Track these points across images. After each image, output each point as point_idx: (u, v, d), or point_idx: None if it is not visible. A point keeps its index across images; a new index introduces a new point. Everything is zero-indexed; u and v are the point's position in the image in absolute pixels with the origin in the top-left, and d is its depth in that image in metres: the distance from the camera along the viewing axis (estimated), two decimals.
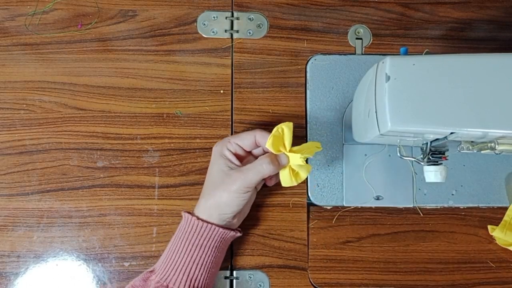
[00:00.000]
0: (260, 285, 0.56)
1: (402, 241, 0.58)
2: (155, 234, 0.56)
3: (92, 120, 0.58)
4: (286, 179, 0.51)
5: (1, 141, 0.58)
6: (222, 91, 0.60)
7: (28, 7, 0.60)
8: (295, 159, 0.50)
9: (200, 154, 0.58)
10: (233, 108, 0.59)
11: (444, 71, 0.43)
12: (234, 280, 0.56)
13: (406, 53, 0.48)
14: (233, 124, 0.59)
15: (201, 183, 0.56)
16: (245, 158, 0.53)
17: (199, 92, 0.59)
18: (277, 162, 0.50)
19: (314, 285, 0.57)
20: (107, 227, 0.56)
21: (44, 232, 0.56)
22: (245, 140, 0.51)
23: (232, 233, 0.51)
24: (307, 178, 0.58)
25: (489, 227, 0.58)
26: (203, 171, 0.58)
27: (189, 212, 0.51)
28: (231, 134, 0.59)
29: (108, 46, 0.60)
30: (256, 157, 0.53)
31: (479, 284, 0.57)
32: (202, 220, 0.50)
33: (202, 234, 0.49)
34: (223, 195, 0.49)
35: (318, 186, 0.58)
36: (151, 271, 0.50)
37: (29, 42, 0.60)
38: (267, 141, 0.50)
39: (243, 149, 0.52)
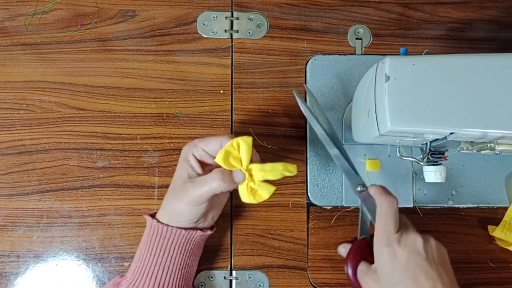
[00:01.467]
0: (259, 285, 0.56)
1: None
2: None
3: (92, 120, 0.58)
4: (244, 195, 0.47)
5: (1, 141, 0.58)
6: (222, 91, 0.60)
7: (28, 7, 0.60)
8: (256, 176, 0.46)
9: None
10: (233, 108, 0.59)
11: (444, 71, 0.43)
12: (234, 280, 0.56)
13: (406, 53, 0.48)
14: (233, 124, 0.59)
15: None
16: (208, 165, 0.50)
17: (199, 92, 0.59)
18: (230, 179, 0.46)
19: (314, 285, 0.57)
20: (107, 227, 0.56)
21: (44, 232, 0.56)
22: (211, 146, 0.48)
23: (199, 232, 0.50)
24: (306, 179, 0.58)
25: (489, 227, 0.58)
26: None
27: (152, 215, 0.51)
28: (231, 134, 0.59)
29: (108, 46, 0.60)
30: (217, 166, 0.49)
31: (479, 284, 0.57)
32: (162, 224, 0.49)
33: (165, 237, 0.48)
34: (177, 205, 0.48)
35: (318, 186, 0.58)
36: (122, 276, 0.50)
37: (29, 42, 0.60)
38: (218, 154, 0.46)
39: (209, 154, 0.49)
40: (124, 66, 0.59)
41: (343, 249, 0.52)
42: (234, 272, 0.56)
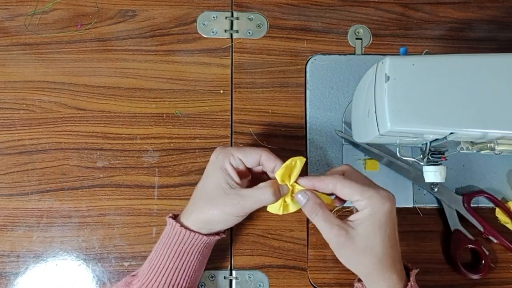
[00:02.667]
0: (259, 285, 0.56)
1: (402, 241, 0.58)
2: (155, 234, 0.56)
3: (92, 120, 0.58)
4: (274, 207, 0.49)
5: (1, 141, 0.58)
6: (221, 91, 0.60)
7: (28, 7, 0.60)
8: (295, 191, 0.48)
9: (199, 154, 0.58)
10: (233, 108, 0.59)
11: (444, 71, 0.43)
12: (234, 280, 0.56)
13: (406, 53, 0.48)
14: (233, 124, 0.59)
15: None
16: (245, 175, 0.51)
17: (198, 92, 0.59)
18: (279, 193, 0.48)
19: (314, 285, 0.57)
20: (107, 227, 0.56)
21: (43, 232, 0.56)
22: (249, 158, 0.48)
23: (217, 237, 0.50)
24: None
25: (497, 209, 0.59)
26: (203, 171, 0.57)
27: (174, 217, 0.51)
28: (231, 134, 0.59)
29: (108, 46, 0.60)
30: (254, 174, 0.51)
31: (479, 284, 0.57)
32: (189, 230, 0.49)
33: (186, 242, 0.48)
34: (217, 214, 0.48)
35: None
36: (134, 275, 0.50)
37: (29, 42, 0.60)
38: (279, 170, 0.47)
39: (245, 164, 0.49)
40: (124, 66, 0.59)
41: (303, 180, 0.49)
42: (234, 272, 0.56)
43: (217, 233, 0.51)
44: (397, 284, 0.46)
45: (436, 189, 0.57)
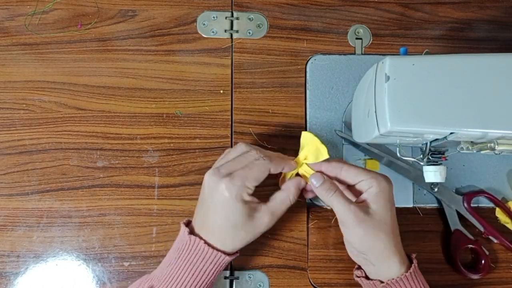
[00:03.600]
0: (259, 285, 0.56)
1: (402, 241, 0.58)
2: (155, 234, 0.56)
3: (92, 120, 0.58)
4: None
5: (1, 141, 0.58)
6: (222, 91, 0.60)
7: (28, 7, 0.60)
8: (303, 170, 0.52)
9: (199, 154, 0.58)
10: (233, 108, 0.59)
11: (444, 71, 0.43)
12: (234, 280, 0.56)
13: (406, 53, 0.48)
14: (233, 124, 0.59)
15: (201, 183, 0.56)
16: None
17: (199, 92, 0.59)
18: (299, 189, 0.51)
19: (314, 285, 0.57)
20: (107, 227, 0.56)
21: (44, 232, 0.56)
22: (261, 179, 0.48)
23: (233, 257, 0.50)
24: None
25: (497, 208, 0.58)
26: (203, 171, 0.57)
27: (187, 223, 0.50)
28: (231, 134, 0.59)
29: (108, 46, 0.60)
30: None
31: (479, 284, 0.57)
32: (212, 247, 0.47)
33: (213, 263, 0.48)
34: (248, 236, 0.48)
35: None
36: (151, 287, 0.48)
37: (29, 42, 0.60)
38: (289, 174, 0.51)
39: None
40: (124, 66, 0.59)
41: (326, 165, 0.51)
42: (234, 272, 0.56)
43: (229, 254, 0.49)
44: (404, 261, 0.49)
45: (436, 189, 0.57)
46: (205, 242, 0.47)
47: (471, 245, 0.56)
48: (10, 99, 0.58)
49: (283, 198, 0.50)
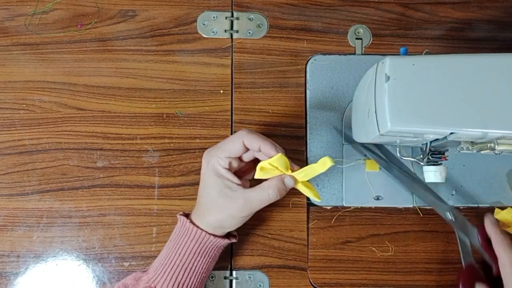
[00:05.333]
0: (259, 285, 0.56)
1: (402, 241, 0.58)
2: (155, 234, 0.56)
3: (92, 120, 0.58)
4: (306, 192, 0.50)
5: (1, 141, 0.58)
6: (222, 91, 0.60)
7: (28, 7, 0.60)
8: (300, 178, 0.49)
9: (200, 154, 0.58)
10: (233, 108, 0.59)
11: (444, 71, 0.43)
12: (234, 280, 0.56)
13: (406, 53, 0.48)
14: (233, 124, 0.59)
15: None
16: (241, 169, 0.51)
17: (199, 92, 0.59)
18: (284, 188, 0.48)
19: (314, 285, 0.57)
20: (107, 227, 0.56)
21: (44, 232, 0.56)
22: (234, 150, 0.48)
23: (227, 240, 0.51)
24: None
25: (496, 209, 0.57)
26: None
27: (185, 215, 0.51)
28: (231, 134, 0.59)
29: (108, 46, 0.60)
30: (248, 164, 0.52)
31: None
32: (200, 229, 0.49)
33: (197, 241, 0.49)
34: (226, 219, 0.49)
35: (318, 186, 0.58)
36: (144, 271, 0.50)
37: (29, 42, 0.60)
38: (256, 172, 0.48)
39: (235, 158, 0.49)
40: (124, 66, 0.59)
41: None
42: (234, 272, 0.56)
43: (228, 237, 0.51)
44: None
45: (451, 217, 0.53)
46: (191, 221, 0.49)
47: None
48: (10, 99, 0.58)
49: (262, 190, 0.48)
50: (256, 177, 0.49)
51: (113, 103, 0.59)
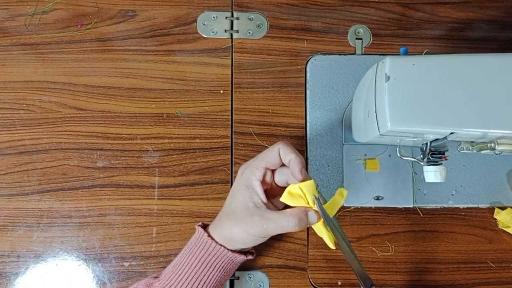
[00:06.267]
0: (260, 285, 0.56)
1: (402, 241, 0.58)
2: (155, 234, 0.56)
3: (92, 120, 0.58)
4: (322, 233, 0.47)
5: (1, 141, 0.58)
6: (222, 91, 0.60)
7: (28, 7, 0.60)
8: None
9: (200, 154, 0.58)
10: (233, 108, 0.59)
11: (444, 71, 0.43)
12: (234, 280, 0.56)
13: (406, 53, 0.48)
14: (233, 124, 0.59)
15: (201, 183, 0.57)
16: (272, 190, 0.50)
17: (199, 92, 0.59)
18: (306, 221, 0.46)
19: (314, 285, 0.57)
20: (107, 227, 0.56)
21: (44, 232, 0.56)
22: (270, 160, 0.47)
23: (243, 256, 0.50)
24: None
25: (496, 209, 0.58)
26: (203, 171, 0.58)
27: (203, 226, 0.50)
28: (231, 134, 0.59)
29: (108, 46, 0.60)
30: (279, 189, 0.50)
31: (479, 284, 0.57)
32: (214, 241, 0.48)
33: (210, 254, 0.48)
34: (240, 233, 0.47)
35: (318, 186, 0.58)
36: (156, 277, 0.49)
37: (29, 42, 0.60)
38: (283, 195, 0.47)
39: (271, 172, 0.49)
40: (124, 66, 0.59)
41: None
42: (234, 272, 0.56)
43: (245, 253, 0.50)
44: None
45: None
46: (209, 235, 0.48)
47: None
48: (10, 99, 0.58)
49: (282, 216, 0.46)
50: (281, 199, 0.47)
51: (113, 103, 0.59)
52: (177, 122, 0.59)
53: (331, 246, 0.47)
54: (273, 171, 0.49)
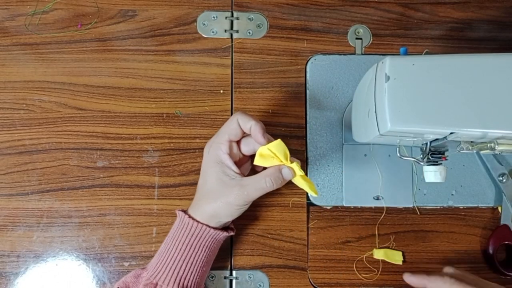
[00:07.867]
0: (259, 285, 0.56)
1: (402, 241, 0.58)
2: (155, 234, 0.56)
3: (92, 120, 0.58)
4: (304, 187, 0.50)
5: (1, 141, 0.58)
6: (222, 91, 0.60)
7: (28, 7, 0.60)
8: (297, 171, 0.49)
9: (200, 154, 0.58)
10: (233, 108, 0.59)
11: (444, 71, 0.43)
12: (234, 280, 0.56)
13: (406, 53, 0.48)
14: None
15: None
16: (243, 161, 0.52)
17: (199, 92, 0.59)
18: (281, 178, 0.48)
19: (314, 285, 0.57)
20: (107, 227, 0.56)
21: (44, 232, 0.56)
22: (232, 132, 0.49)
23: (225, 233, 0.51)
24: None
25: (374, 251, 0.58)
26: None
27: (183, 211, 0.51)
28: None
29: (108, 46, 0.60)
30: (247, 157, 0.52)
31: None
32: (196, 221, 0.49)
33: (194, 234, 0.49)
34: (222, 207, 0.48)
35: (318, 186, 0.58)
36: (143, 268, 0.50)
37: (29, 42, 0.60)
38: (255, 159, 0.49)
39: (236, 143, 0.50)
40: (124, 66, 0.59)
41: (411, 278, 0.53)
42: (234, 272, 0.56)
43: (226, 230, 0.51)
44: None
45: (504, 180, 0.57)
46: (192, 218, 0.49)
47: (508, 242, 0.56)
48: (10, 99, 0.58)
49: (258, 178, 0.48)
50: (255, 163, 0.49)
51: (113, 103, 0.59)
52: (177, 122, 0.59)
53: (314, 194, 0.50)
54: (237, 142, 0.50)
